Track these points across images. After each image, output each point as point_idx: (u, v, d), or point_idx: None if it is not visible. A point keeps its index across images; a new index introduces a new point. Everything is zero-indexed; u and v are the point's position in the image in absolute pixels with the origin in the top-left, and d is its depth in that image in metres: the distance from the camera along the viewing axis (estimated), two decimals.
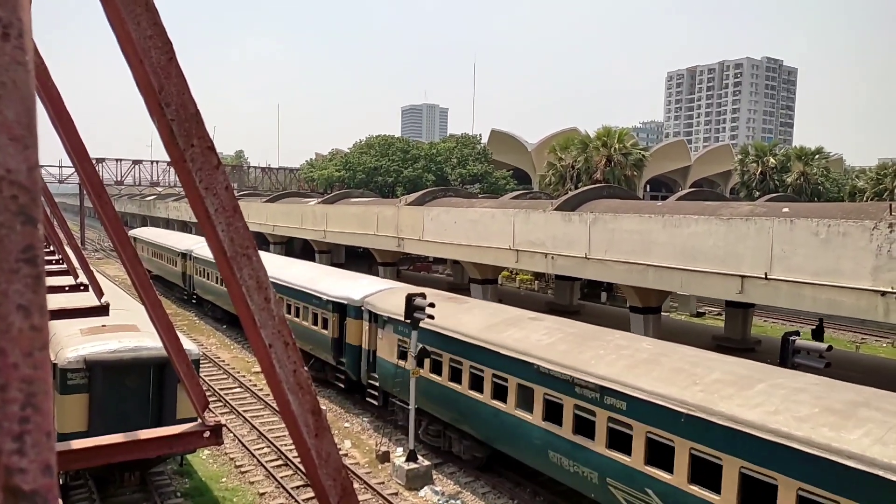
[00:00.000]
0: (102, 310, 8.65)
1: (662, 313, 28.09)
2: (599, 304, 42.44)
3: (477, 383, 16.83)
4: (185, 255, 41.28)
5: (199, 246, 38.21)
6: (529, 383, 15.24)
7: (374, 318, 21.15)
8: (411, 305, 17.66)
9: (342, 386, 23.64)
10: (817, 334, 30.58)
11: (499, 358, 16.17)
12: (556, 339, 15.84)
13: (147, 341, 14.49)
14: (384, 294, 22.07)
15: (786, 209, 22.06)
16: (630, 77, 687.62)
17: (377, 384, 21.11)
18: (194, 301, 41.58)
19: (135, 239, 55.22)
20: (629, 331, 22.23)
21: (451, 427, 18.41)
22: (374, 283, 24.84)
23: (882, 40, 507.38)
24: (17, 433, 0.66)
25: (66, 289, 9.49)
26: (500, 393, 16.15)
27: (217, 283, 33.67)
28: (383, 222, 37.52)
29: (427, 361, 17.97)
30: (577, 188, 40.54)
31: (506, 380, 15.92)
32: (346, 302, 22.63)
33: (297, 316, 25.78)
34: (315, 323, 24.40)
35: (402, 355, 19.12)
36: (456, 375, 17.57)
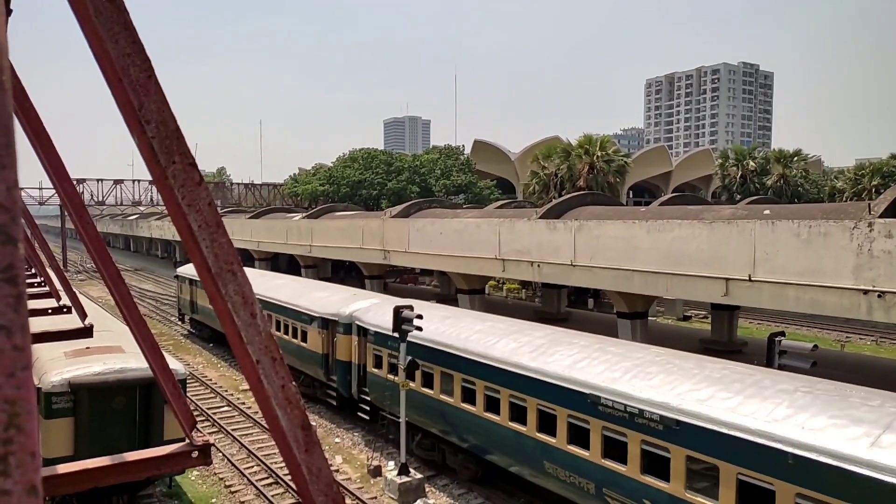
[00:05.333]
0: (86, 331, 8.54)
1: (649, 318, 28.25)
2: (587, 311, 42.59)
3: None
4: (335, 324, 22.52)
5: (372, 306, 22.05)
6: None
7: None
8: (399, 317, 17.61)
9: None
10: None
11: None
12: None
13: (132, 362, 14.32)
14: None
15: (767, 211, 22.32)
16: (610, 85, 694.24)
17: None
18: (364, 415, 21.41)
19: (191, 282, 35.47)
20: (616, 336, 22.33)
21: None
22: None
23: (856, 42, 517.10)
24: (1, 454, 0.66)
25: (49, 311, 9.36)
26: None
27: (460, 400, 17.13)
28: (369, 235, 37.49)
29: None
30: (560, 196, 40.76)
31: None
32: None
33: None
34: None
35: None
36: None
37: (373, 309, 21.74)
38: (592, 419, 13.09)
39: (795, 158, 65.56)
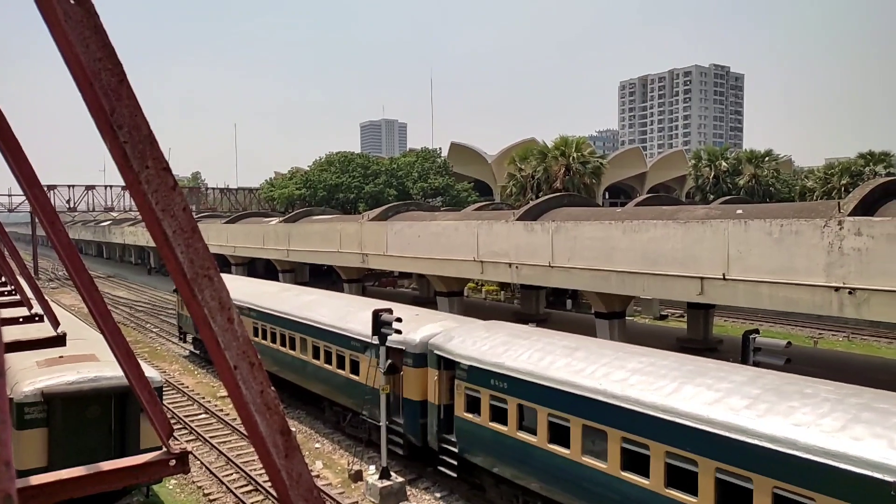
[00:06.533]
0: (59, 340, 8.38)
1: (627, 318, 28.49)
2: (565, 312, 42.84)
3: None
4: (401, 354, 18.42)
5: (454, 331, 17.96)
6: None
7: None
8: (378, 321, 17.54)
9: None
10: None
11: None
12: None
13: (107, 370, 14.10)
14: None
15: (739, 211, 22.65)
16: (584, 87, 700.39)
17: None
18: (449, 470, 17.34)
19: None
20: (595, 335, 22.45)
21: None
22: None
23: (824, 44, 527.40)
24: None
25: (21, 320, 9.17)
26: None
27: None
28: (347, 239, 37.35)
29: None
30: (537, 198, 40.98)
31: None
32: None
33: None
34: None
35: None
36: None
37: (458, 335, 17.43)
38: None
39: (766, 158, 66.72)
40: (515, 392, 14.90)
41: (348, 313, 22.21)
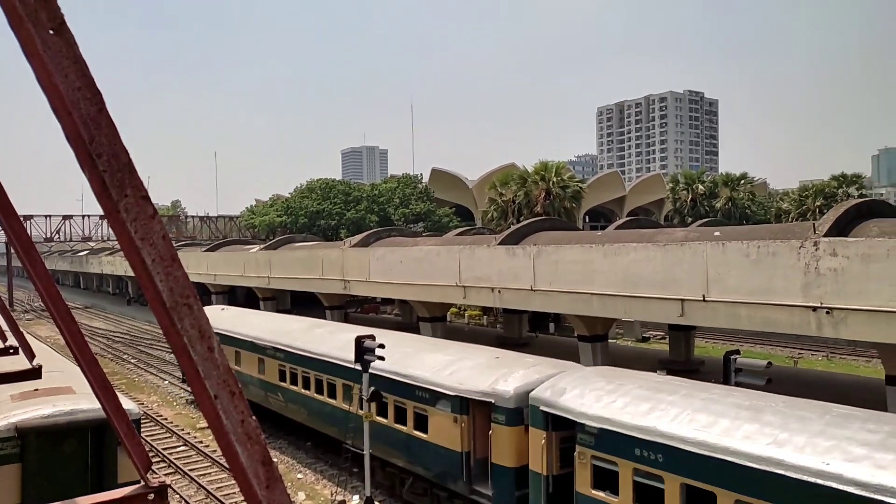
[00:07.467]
0: (34, 373, 8.20)
1: (609, 340, 28.58)
2: (548, 335, 42.86)
3: None
4: (488, 408, 15.15)
5: (566, 380, 14.39)
6: None
7: None
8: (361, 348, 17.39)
9: None
10: None
11: None
12: None
13: (83, 403, 13.80)
14: None
15: (717, 233, 22.95)
16: (563, 113, 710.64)
17: None
18: None
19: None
20: (578, 360, 22.39)
21: None
22: None
23: (795, 69, 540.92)
24: None
25: None
26: None
27: None
28: (328, 265, 37.20)
29: None
30: (518, 222, 41.22)
31: None
32: None
33: None
34: None
35: None
36: None
37: (570, 386, 13.90)
38: None
39: (742, 181, 67.89)
40: (677, 467, 11.20)
41: (406, 356, 18.27)
